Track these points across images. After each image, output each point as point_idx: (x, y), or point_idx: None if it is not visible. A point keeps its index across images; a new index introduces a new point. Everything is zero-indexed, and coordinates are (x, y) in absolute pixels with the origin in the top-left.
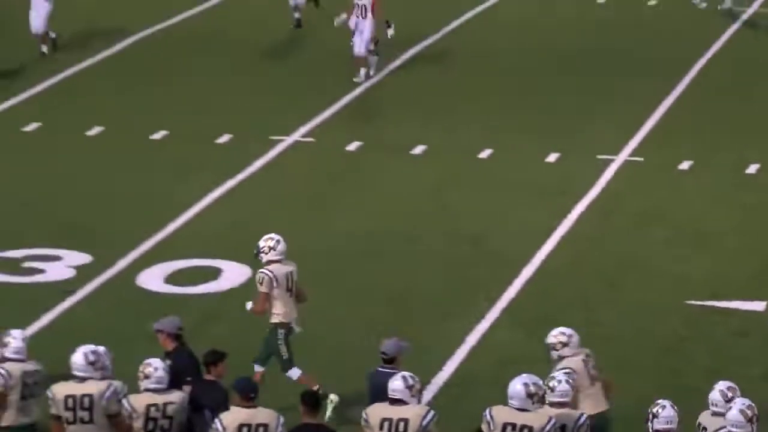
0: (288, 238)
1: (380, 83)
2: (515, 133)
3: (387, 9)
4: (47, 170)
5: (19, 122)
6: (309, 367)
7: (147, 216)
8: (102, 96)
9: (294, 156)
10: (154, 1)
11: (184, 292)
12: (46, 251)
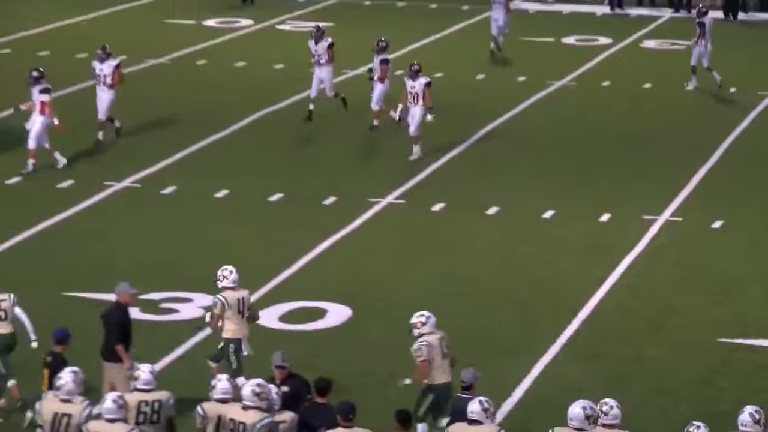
0: (381, 284)
1: (460, 154)
2: (573, 197)
3: (462, 92)
4: (182, 226)
5: (159, 186)
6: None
7: (265, 264)
8: (229, 164)
9: (388, 215)
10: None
11: (295, 329)
12: (179, 294)
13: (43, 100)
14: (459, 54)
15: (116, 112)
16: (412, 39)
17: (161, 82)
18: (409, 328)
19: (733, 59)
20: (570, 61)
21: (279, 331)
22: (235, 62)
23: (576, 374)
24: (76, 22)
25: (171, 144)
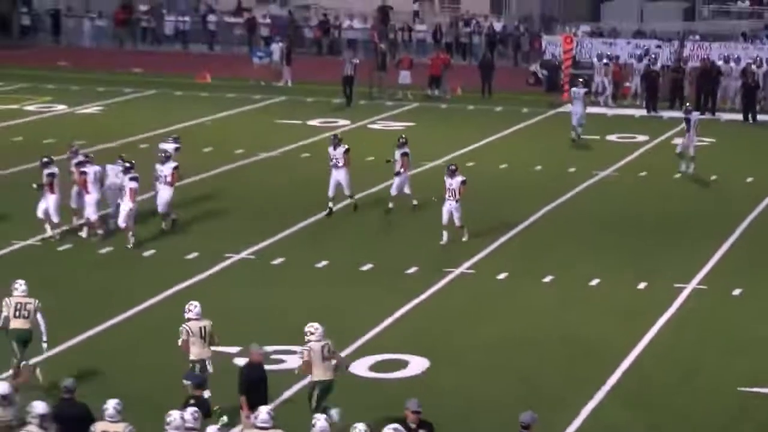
0: (454, 339)
1: (521, 232)
2: (616, 268)
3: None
4: (288, 291)
5: (270, 258)
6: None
7: (357, 323)
8: (327, 240)
9: (460, 283)
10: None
11: (382, 377)
12: (286, 347)
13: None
14: (520, 148)
15: (237, 195)
16: (481, 136)
17: (273, 172)
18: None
19: (748, 155)
20: (612, 155)
21: (369, 379)
22: None
23: (618, 419)
24: (202, 121)
25: (281, 222)
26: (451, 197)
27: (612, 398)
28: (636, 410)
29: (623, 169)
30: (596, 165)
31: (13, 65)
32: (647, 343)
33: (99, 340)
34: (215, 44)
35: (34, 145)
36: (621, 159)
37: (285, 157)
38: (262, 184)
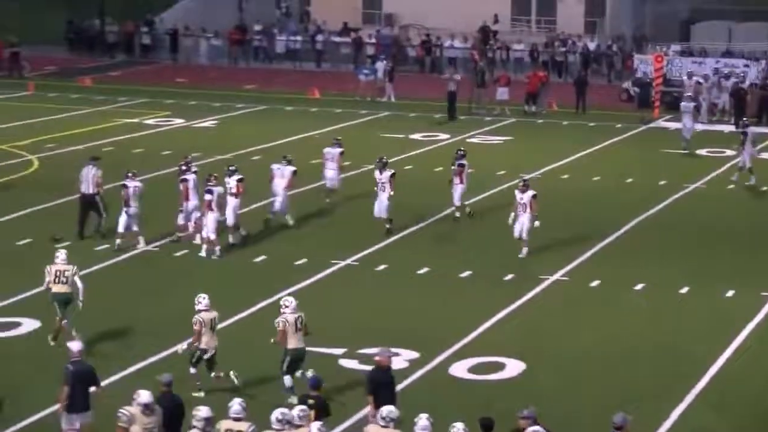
0: (549, 343)
1: (612, 242)
2: (705, 276)
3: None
4: (391, 296)
5: (373, 264)
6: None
7: (457, 327)
8: (428, 250)
9: (555, 289)
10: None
11: (480, 379)
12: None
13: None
14: (612, 162)
15: (344, 204)
16: (575, 150)
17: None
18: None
19: None
20: (702, 168)
21: (466, 380)
22: (434, 167)
23: (706, 422)
24: (310, 135)
25: (380, 229)
26: (523, 211)
27: (700, 402)
28: (723, 414)
29: (712, 182)
30: (686, 178)
31: (134, 82)
32: (734, 349)
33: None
34: (323, 62)
35: (153, 156)
36: (710, 172)
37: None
38: (366, 195)
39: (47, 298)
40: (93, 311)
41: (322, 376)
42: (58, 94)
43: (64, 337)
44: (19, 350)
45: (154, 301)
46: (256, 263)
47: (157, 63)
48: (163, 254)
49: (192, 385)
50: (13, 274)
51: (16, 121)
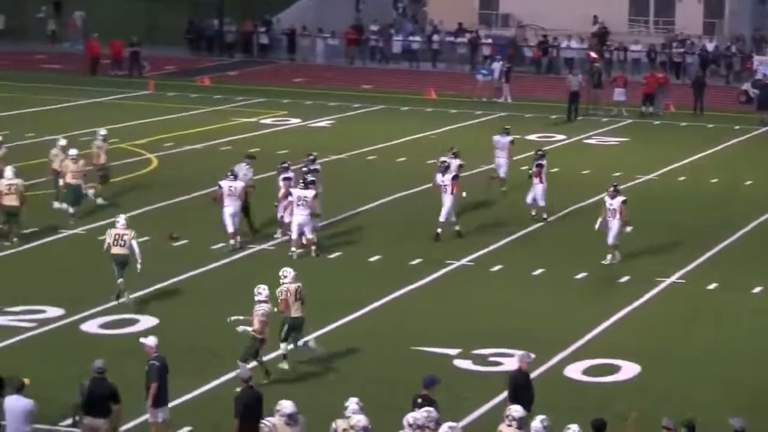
0: (664, 346)
1: (729, 245)
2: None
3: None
4: (504, 297)
5: (488, 265)
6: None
7: (572, 328)
8: (542, 251)
9: (671, 292)
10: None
11: (595, 381)
12: (504, 350)
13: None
14: (730, 164)
15: (461, 204)
16: (692, 152)
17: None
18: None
19: None
20: None
21: (581, 382)
22: (551, 169)
23: None
24: (426, 135)
25: (497, 231)
26: (612, 216)
27: None
28: None
29: None
30: None
31: (252, 81)
32: None
33: (326, 340)
34: (439, 62)
35: (269, 155)
36: None
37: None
38: (482, 195)
39: (110, 260)
40: (214, 310)
41: (438, 376)
42: (177, 94)
43: (121, 296)
44: (137, 347)
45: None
46: (371, 263)
47: (275, 63)
48: (280, 252)
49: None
50: (130, 272)
51: (136, 119)
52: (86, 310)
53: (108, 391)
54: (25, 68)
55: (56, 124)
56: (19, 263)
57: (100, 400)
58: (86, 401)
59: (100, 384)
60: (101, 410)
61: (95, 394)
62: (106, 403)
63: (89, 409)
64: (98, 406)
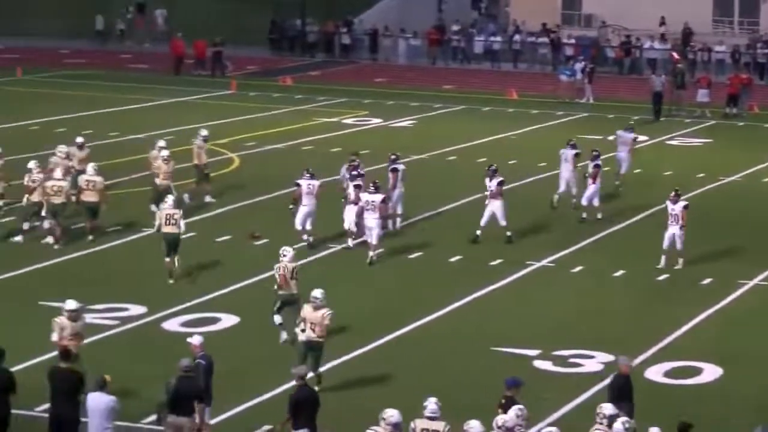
0: (748, 349)
1: None
2: None
3: None
4: (584, 298)
5: (569, 266)
6: None
7: (652, 329)
8: (625, 252)
9: (754, 294)
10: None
11: (676, 383)
12: (584, 351)
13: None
14: None
15: (542, 206)
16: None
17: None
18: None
19: None
20: None
21: (662, 384)
22: (634, 170)
23: None
24: (507, 136)
25: (581, 233)
26: (674, 222)
27: None
28: None
29: None
30: None
31: (334, 81)
32: None
33: (406, 340)
34: (520, 62)
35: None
36: None
37: (585, 170)
38: (565, 196)
39: (161, 239)
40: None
41: (521, 378)
42: (259, 93)
43: (173, 273)
44: (218, 345)
45: (352, 296)
46: (452, 263)
47: (357, 63)
48: (359, 252)
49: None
50: (212, 271)
51: (218, 119)
52: (168, 309)
53: (194, 390)
54: (111, 68)
55: (139, 123)
56: (103, 261)
57: (185, 398)
58: (171, 399)
59: (187, 383)
60: (186, 409)
61: (181, 392)
62: (190, 402)
63: (174, 408)
64: (183, 404)
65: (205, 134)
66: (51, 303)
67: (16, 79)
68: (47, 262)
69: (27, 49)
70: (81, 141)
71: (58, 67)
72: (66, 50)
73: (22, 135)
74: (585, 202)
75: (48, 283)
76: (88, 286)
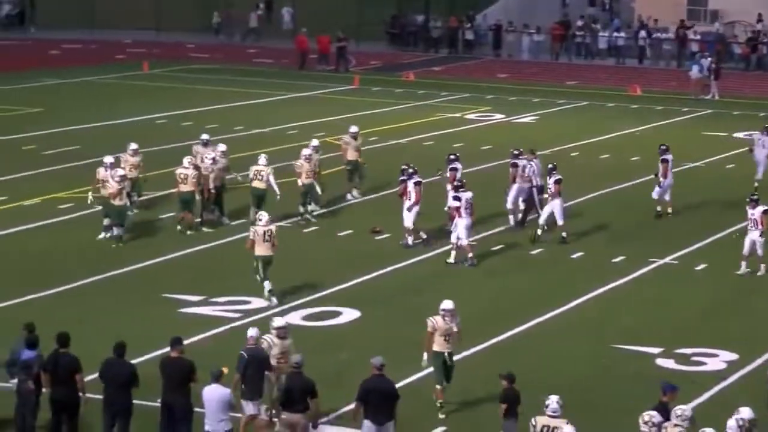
0: None
1: None
2: None
3: None
4: (714, 298)
5: (692, 264)
6: None
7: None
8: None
9: None
10: None
11: None
12: (708, 350)
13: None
14: None
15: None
16: None
17: (698, 181)
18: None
19: None
20: None
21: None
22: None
23: None
24: (631, 132)
25: (704, 229)
26: (753, 227)
27: None
28: None
29: None
30: None
31: (457, 77)
32: None
33: (526, 336)
34: (645, 59)
35: (473, 151)
36: None
37: (709, 168)
38: (688, 194)
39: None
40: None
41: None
42: (381, 89)
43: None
44: (340, 339)
45: (471, 292)
46: (574, 260)
47: (480, 58)
48: (481, 247)
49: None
50: (332, 265)
51: (341, 114)
52: (290, 302)
53: (305, 386)
54: (236, 62)
55: (264, 117)
56: (224, 254)
57: (297, 395)
58: (283, 396)
59: (298, 379)
60: (299, 405)
61: (292, 389)
62: (303, 398)
63: (286, 404)
64: (296, 401)
65: (354, 130)
66: (173, 296)
67: (142, 74)
68: (171, 255)
69: (153, 44)
70: (135, 147)
71: (184, 61)
72: (191, 45)
73: (150, 128)
74: (656, 197)
75: (171, 275)
76: (211, 279)
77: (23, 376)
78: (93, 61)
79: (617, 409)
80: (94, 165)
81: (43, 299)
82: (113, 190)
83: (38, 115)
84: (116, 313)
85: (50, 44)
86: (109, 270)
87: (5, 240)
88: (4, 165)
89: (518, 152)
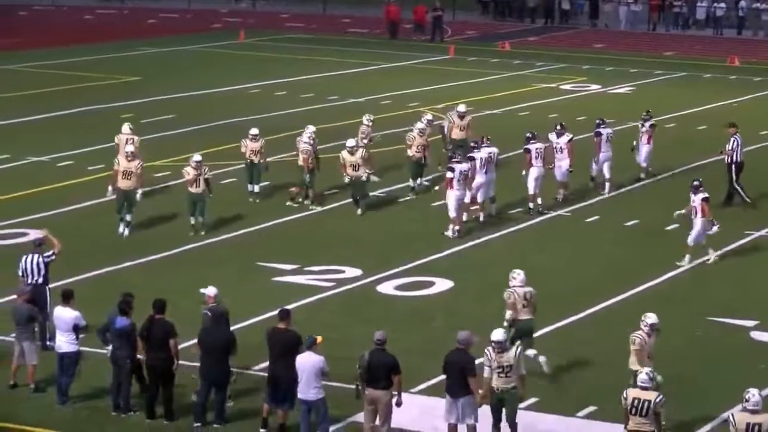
0: None
1: None
2: None
3: None
4: None
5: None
6: None
7: None
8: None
9: None
10: None
11: None
12: None
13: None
14: None
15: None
16: None
17: None
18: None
19: None
20: None
21: None
22: None
23: None
24: (728, 103)
25: None
26: (694, 215)
27: None
28: None
29: None
30: None
31: (552, 47)
32: None
33: (620, 308)
34: (744, 29)
35: (569, 121)
36: None
37: None
38: None
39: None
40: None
41: None
42: (476, 59)
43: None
44: (432, 309)
45: (568, 262)
46: (668, 231)
47: (576, 28)
48: (575, 218)
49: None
50: (427, 236)
51: (435, 84)
52: (383, 272)
53: (388, 363)
54: (331, 32)
55: (359, 87)
56: (320, 224)
57: (380, 371)
58: (367, 372)
59: (380, 355)
60: (382, 381)
61: (375, 365)
62: (387, 374)
63: (370, 381)
64: (379, 377)
65: (462, 110)
66: (268, 264)
67: (238, 43)
68: (266, 223)
69: (249, 13)
70: (255, 132)
71: (279, 30)
72: (286, 14)
73: (244, 99)
74: (644, 163)
75: (266, 244)
76: (306, 248)
77: (117, 344)
78: (189, 30)
79: (711, 381)
80: (189, 134)
81: (141, 266)
82: (190, 177)
83: (136, 84)
84: (211, 282)
85: (147, 13)
86: (206, 238)
87: (105, 207)
88: (103, 134)
89: (601, 122)
